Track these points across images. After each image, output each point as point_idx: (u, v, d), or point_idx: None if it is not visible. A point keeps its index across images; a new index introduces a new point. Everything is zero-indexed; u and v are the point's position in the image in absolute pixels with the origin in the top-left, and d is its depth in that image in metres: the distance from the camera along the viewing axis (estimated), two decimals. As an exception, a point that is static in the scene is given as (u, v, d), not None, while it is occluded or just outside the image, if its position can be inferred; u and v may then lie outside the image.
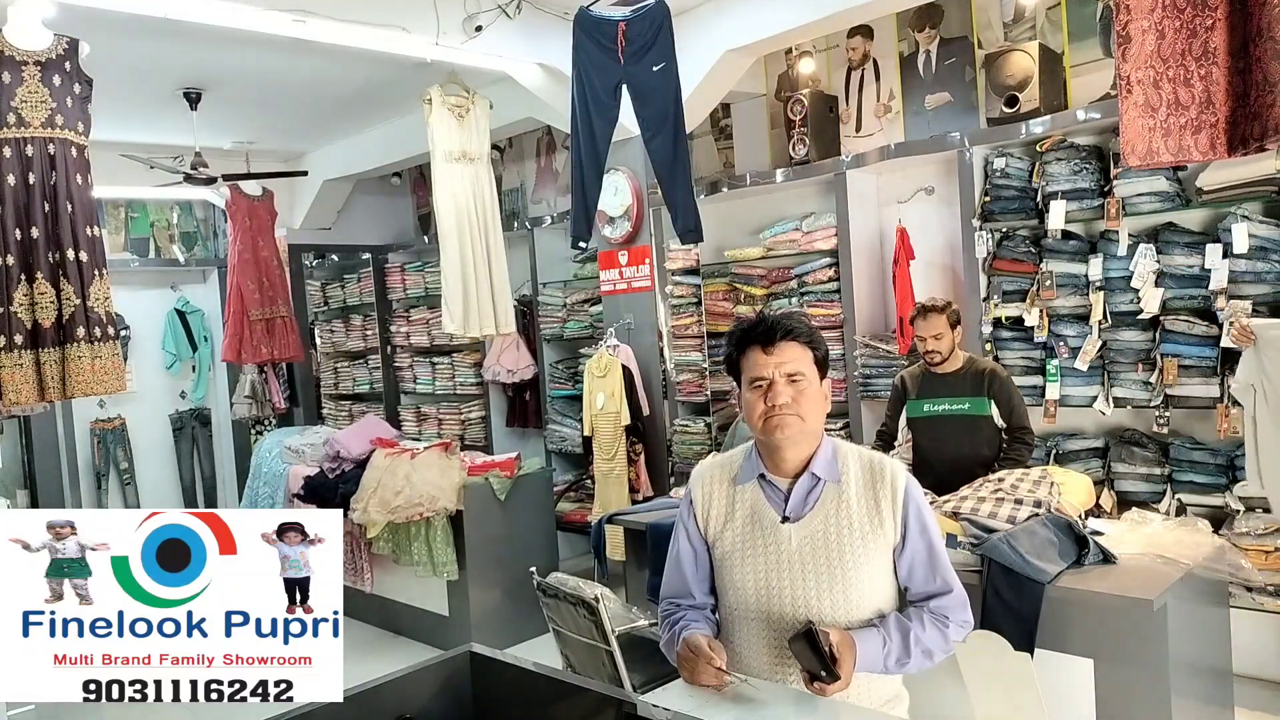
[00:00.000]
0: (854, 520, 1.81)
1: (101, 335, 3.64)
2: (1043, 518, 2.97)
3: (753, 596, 1.83)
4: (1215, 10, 2.45)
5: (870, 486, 1.84)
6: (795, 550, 1.81)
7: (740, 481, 1.89)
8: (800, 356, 1.81)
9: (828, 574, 1.79)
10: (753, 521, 1.86)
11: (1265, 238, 3.64)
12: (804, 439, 1.83)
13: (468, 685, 1.99)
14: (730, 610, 1.88)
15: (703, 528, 1.92)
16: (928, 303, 3.68)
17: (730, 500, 1.89)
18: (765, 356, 1.80)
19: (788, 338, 1.81)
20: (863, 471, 1.86)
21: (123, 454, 7.69)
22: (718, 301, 5.44)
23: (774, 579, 1.81)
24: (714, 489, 1.92)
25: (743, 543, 1.85)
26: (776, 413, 1.79)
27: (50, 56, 3.57)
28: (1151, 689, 2.62)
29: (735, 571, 1.86)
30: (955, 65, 4.91)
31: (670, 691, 1.81)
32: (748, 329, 1.85)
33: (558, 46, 4.54)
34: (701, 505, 1.92)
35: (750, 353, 1.83)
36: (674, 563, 1.94)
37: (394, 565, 5.13)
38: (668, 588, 1.96)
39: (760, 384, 1.81)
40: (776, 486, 1.86)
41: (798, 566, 1.80)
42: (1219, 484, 3.83)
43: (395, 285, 7.55)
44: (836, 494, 1.83)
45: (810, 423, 1.82)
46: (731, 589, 1.87)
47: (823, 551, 1.80)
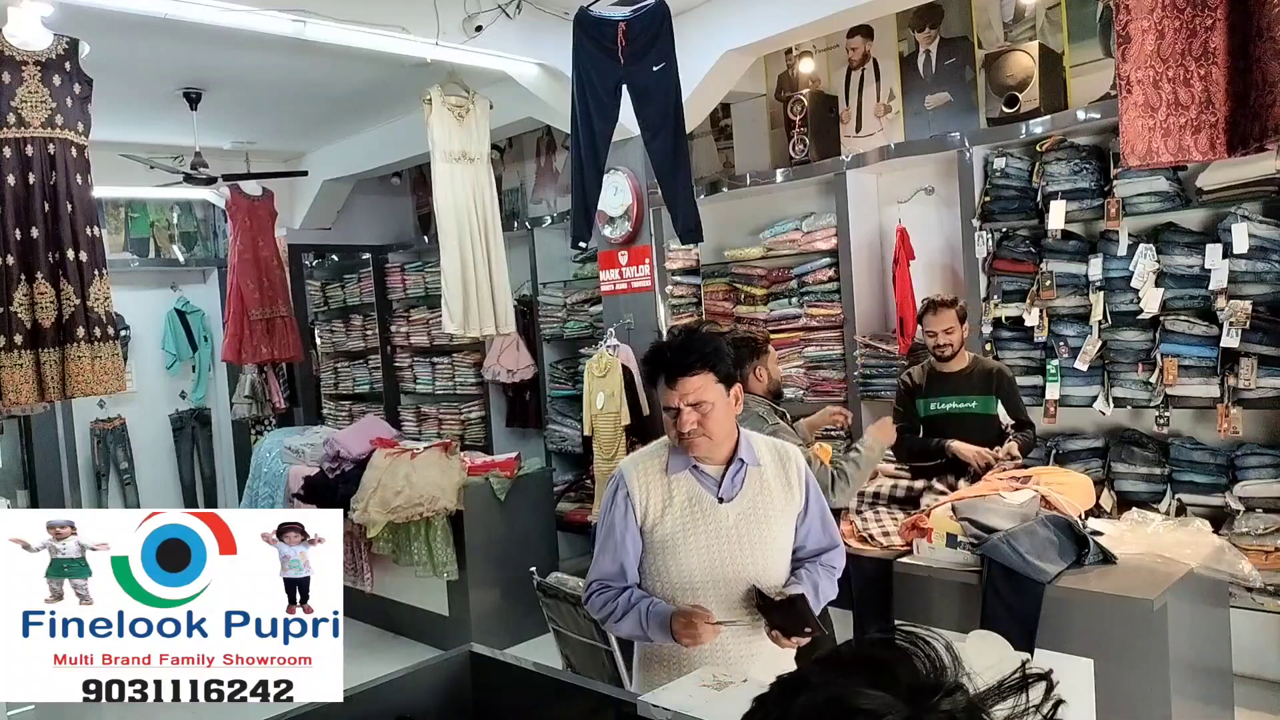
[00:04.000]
0: (774, 496, 2.12)
1: (101, 335, 3.63)
2: (1043, 518, 2.97)
3: (699, 570, 2.07)
4: (1215, 10, 2.45)
5: (781, 466, 2.16)
6: (733, 525, 2.08)
7: (672, 472, 2.11)
8: (701, 385, 2.02)
9: (760, 543, 2.09)
10: (691, 505, 2.09)
11: (1265, 238, 3.63)
12: (718, 446, 2.10)
13: (468, 685, 1.99)
14: (674, 586, 2.09)
15: (640, 517, 2.11)
16: (937, 298, 3.68)
17: (666, 488, 2.11)
18: (670, 390, 2.03)
19: (687, 374, 2.01)
20: (772, 454, 2.17)
21: (123, 454, 7.68)
22: (718, 301, 5.43)
23: (716, 552, 2.07)
24: (648, 480, 2.12)
25: (684, 525, 2.08)
26: (687, 437, 2.05)
27: (50, 56, 3.56)
28: (1151, 689, 2.62)
29: (680, 551, 2.08)
30: (955, 65, 4.91)
31: (670, 691, 1.81)
32: (654, 362, 2.07)
33: (558, 46, 4.54)
34: (640, 496, 2.11)
35: (659, 380, 2.07)
36: (610, 550, 2.13)
37: (394, 565, 5.13)
38: (600, 571, 2.15)
39: (670, 411, 2.05)
40: (708, 474, 2.11)
41: (735, 540, 2.08)
42: (1219, 484, 3.83)
43: (395, 285, 7.54)
44: (758, 475, 2.12)
45: (718, 436, 2.07)
46: (675, 567, 2.09)
47: (754, 524, 2.09)
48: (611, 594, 2.11)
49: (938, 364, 3.73)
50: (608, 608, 2.10)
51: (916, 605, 3.11)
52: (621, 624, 2.09)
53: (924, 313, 3.71)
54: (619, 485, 2.13)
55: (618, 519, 2.12)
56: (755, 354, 3.24)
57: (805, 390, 5.03)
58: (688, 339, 2.08)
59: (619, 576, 2.12)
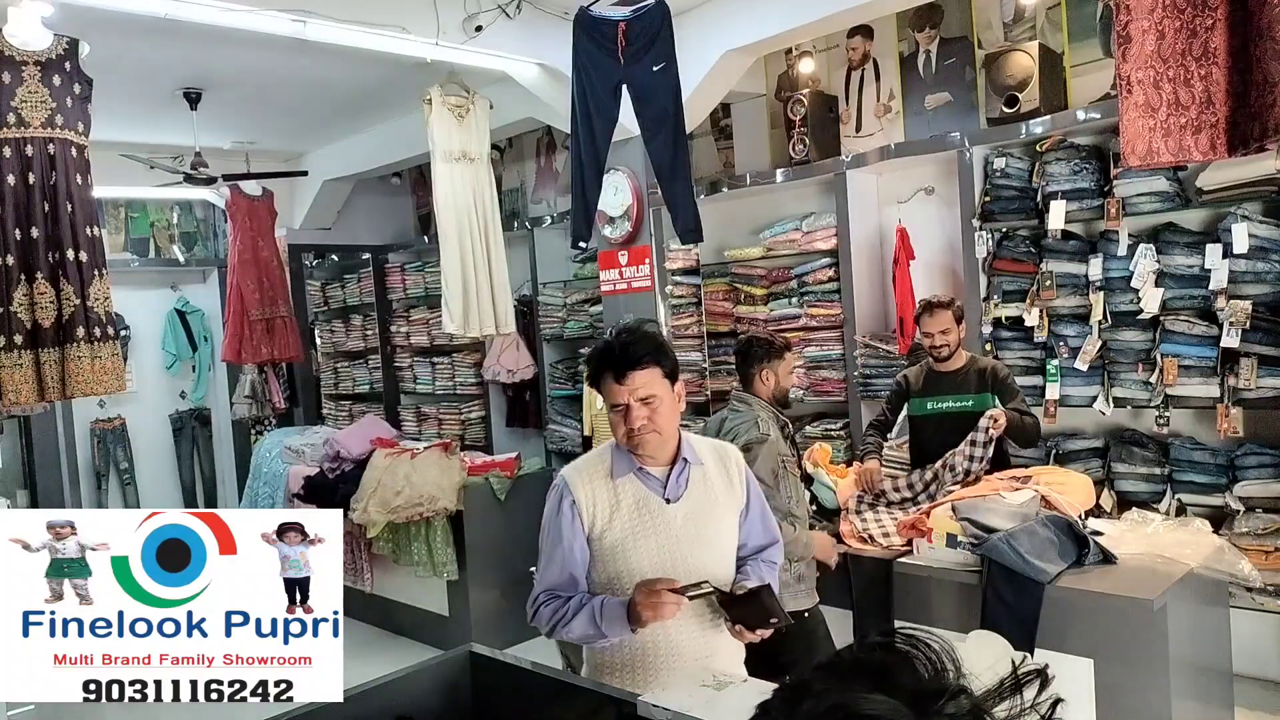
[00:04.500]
0: (718, 494, 2.11)
1: (101, 335, 3.64)
2: (1043, 518, 2.97)
3: (651, 572, 2.01)
4: (1215, 10, 2.45)
5: (722, 465, 2.15)
6: (681, 525, 2.06)
7: (617, 476, 2.08)
8: (650, 379, 2.00)
9: (709, 542, 2.09)
10: (639, 508, 2.06)
11: (1265, 238, 3.63)
12: (666, 443, 2.07)
13: (468, 685, 1.99)
14: (626, 592, 2.01)
15: (588, 525, 2.06)
16: (933, 299, 3.69)
17: (612, 493, 2.07)
18: (619, 386, 1.99)
19: (636, 368, 1.98)
20: (712, 453, 2.16)
21: (123, 454, 7.68)
22: (718, 301, 5.44)
23: (668, 554, 2.04)
24: (593, 486, 2.07)
25: (634, 528, 2.05)
26: (637, 434, 2.01)
27: (50, 56, 3.56)
28: (1151, 689, 2.62)
29: (631, 554, 2.04)
30: (955, 65, 4.91)
31: (670, 691, 1.81)
32: (600, 360, 2.03)
33: (558, 46, 4.54)
34: (586, 504, 2.06)
35: (605, 379, 2.02)
36: (557, 560, 2.07)
37: (394, 565, 5.13)
38: (548, 582, 2.09)
39: (619, 409, 2.01)
40: (654, 475, 2.08)
41: (685, 540, 2.06)
42: (1219, 484, 3.83)
43: (395, 285, 7.54)
44: (701, 475, 2.11)
45: (666, 432, 2.05)
46: (627, 572, 2.04)
47: (702, 523, 2.08)
48: (560, 601, 2.05)
49: (934, 364, 3.74)
50: (557, 614, 2.03)
51: (916, 605, 3.11)
52: (573, 625, 2.01)
53: (920, 314, 3.72)
54: (564, 493, 2.07)
55: (564, 527, 2.05)
56: (768, 356, 3.18)
57: (805, 390, 5.04)
58: (633, 334, 2.04)
59: (570, 586, 2.06)
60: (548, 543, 2.10)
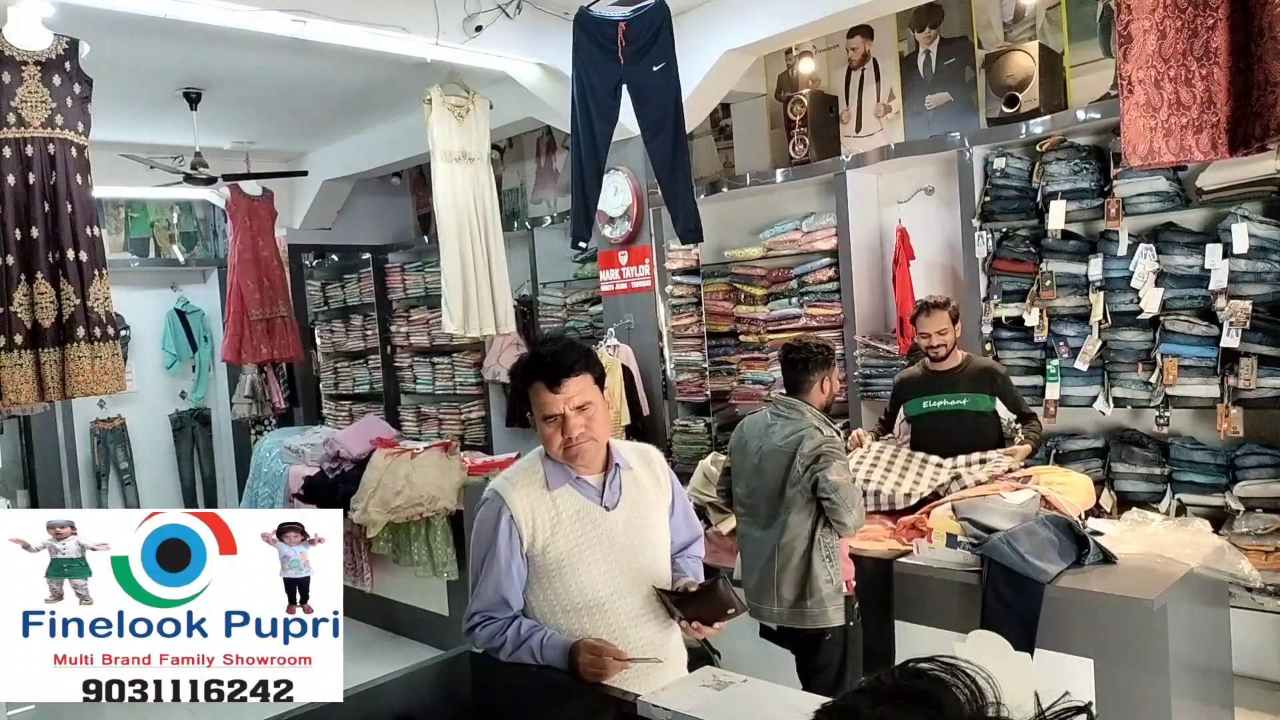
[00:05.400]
0: (649, 496, 2.10)
1: (101, 335, 3.63)
2: (1043, 518, 2.97)
3: (602, 583, 1.99)
4: (1216, 10, 2.45)
5: (647, 466, 2.13)
6: (623, 532, 2.02)
7: (554, 487, 2.01)
8: (584, 386, 1.97)
9: (649, 545, 2.07)
10: (581, 519, 2.01)
11: (1265, 238, 3.63)
12: (600, 450, 2.04)
13: (468, 685, 1.99)
14: (574, 608, 1.99)
15: (527, 541, 1.98)
16: (929, 300, 3.75)
17: (551, 506, 2.00)
18: (554, 395, 1.94)
19: (570, 374, 1.94)
20: (636, 455, 2.14)
21: (123, 454, 7.68)
22: (718, 301, 5.43)
23: (615, 562, 2.01)
24: (532, 500, 1.99)
25: (578, 541, 2.00)
26: (575, 443, 1.96)
27: (50, 56, 3.56)
28: (1151, 689, 2.62)
29: (580, 567, 1.99)
30: (955, 65, 4.91)
31: (670, 691, 1.81)
32: (531, 371, 1.97)
33: (558, 46, 4.54)
34: (525, 519, 1.97)
35: (537, 389, 1.96)
36: (493, 578, 1.99)
37: (394, 565, 5.13)
38: (483, 602, 2.01)
39: (554, 419, 1.96)
40: (589, 484, 2.04)
41: (628, 546, 2.02)
42: (1219, 484, 3.83)
43: (395, 285, 7.54)
44: (632, 478, 2.08)
45: (602, 439, 2.03)
46: (576, 586, 1.99)
47: (640, 527, 2.06)
48: (498, 626, 1.98)
49: (931, 364, 3.79)
50: (495, 640, 1.98)
51: (916, 605, 3.11)
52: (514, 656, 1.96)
53: (916, 315, 3.77)
54: (500, 508, 1.98)
55: (501, 544, 1.97)
56: (827, 363, 3.10)
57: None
58: (559, 343, 2.01)
59: (501, 606, 1.99)
60: (481, 558, 2.02)
